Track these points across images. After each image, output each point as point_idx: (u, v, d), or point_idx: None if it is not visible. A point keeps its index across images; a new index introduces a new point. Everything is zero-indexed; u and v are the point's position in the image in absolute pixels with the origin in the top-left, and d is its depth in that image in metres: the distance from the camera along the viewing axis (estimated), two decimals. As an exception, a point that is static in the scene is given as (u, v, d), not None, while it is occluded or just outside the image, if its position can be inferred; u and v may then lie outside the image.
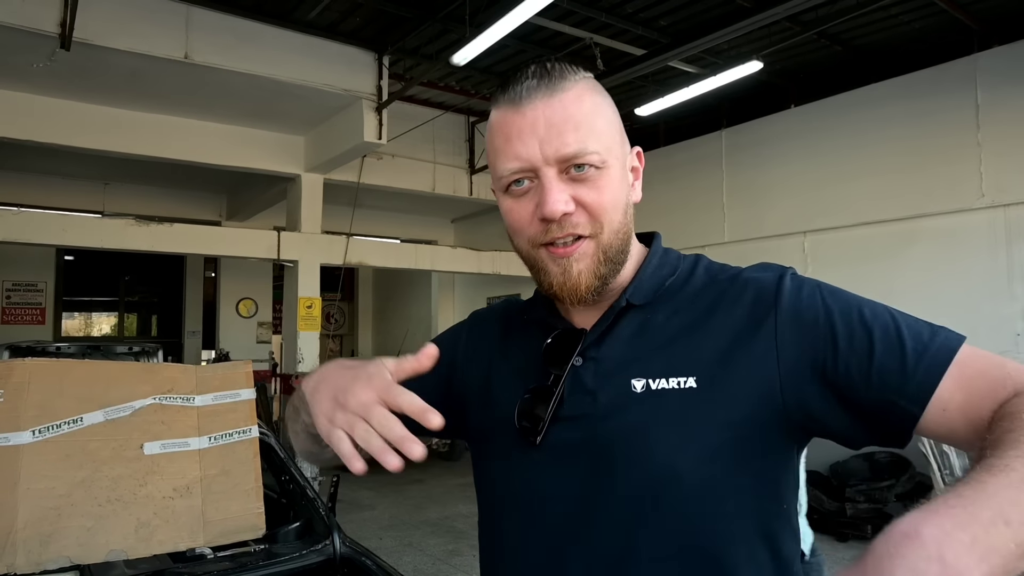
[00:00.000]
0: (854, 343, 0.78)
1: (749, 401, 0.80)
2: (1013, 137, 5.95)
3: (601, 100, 0.87)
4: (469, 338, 1.06)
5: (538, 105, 0.82)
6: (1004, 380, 0.73)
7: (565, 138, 0.81)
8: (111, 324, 13.75)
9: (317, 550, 2.17)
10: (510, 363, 0.98)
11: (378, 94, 7.13)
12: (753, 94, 8.00)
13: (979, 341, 2.60)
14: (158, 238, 7.61)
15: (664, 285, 0.90)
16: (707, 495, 0.80)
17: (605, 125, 0.85)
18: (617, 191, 0.86)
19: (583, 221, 0.84)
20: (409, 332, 13.31)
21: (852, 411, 0.79)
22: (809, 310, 0.81)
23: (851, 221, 7.02)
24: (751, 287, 0.86)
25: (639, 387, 0.84)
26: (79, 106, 7.14)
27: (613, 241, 0.86)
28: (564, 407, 0.87)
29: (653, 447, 0.81)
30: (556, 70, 0.84)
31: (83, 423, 2.12)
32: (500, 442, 0.93)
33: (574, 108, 0.83)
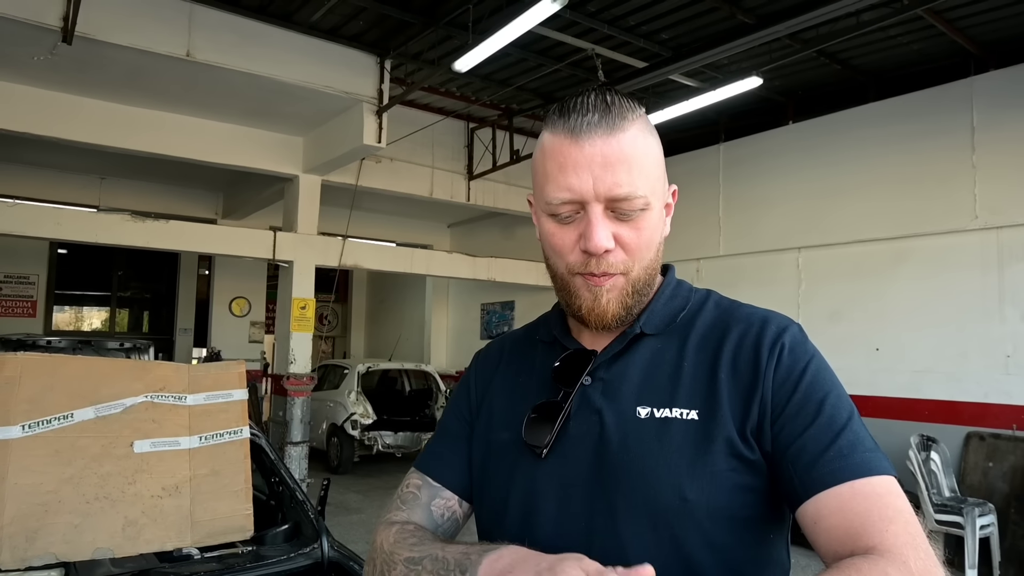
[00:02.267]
0: (800, 414, 0.82)
1: (741, 442, 0.83)
2: (1008, 160, 6.00)
3: (653, 141, 0.91)
4: (476, 381, 1.07)
5: (597, 141, 0.85)
6: (877, 533, 0.74)
7: (618, 179, 0.85)
8: (102, 319, 13.68)
9: (305, 553, 2.17)
10: (516, 384, 1.00)
11: (379, 98, 7.14)
12: (752, 109, 8.05)
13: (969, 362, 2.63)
14: (153, 234, 7.59)
15: (676, 319, 0.94)
16: (703, 523, 0.82)
17: (653, 167, 0.89)
18: (654, 231, 0.90)
19: (619, 260, 0.88)
20: (402, 336, 13.29)
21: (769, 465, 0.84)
22: (790, 368, 0.86)
23: (845, 238, 7.06)
24: (755, 332, 0.89)
25: (644, 414, 0.87)
26: (78, 100, 7.12)
27: (642, 276, 0.90)
28: (571, 424, 0.90)
29: (653, 473, 0.83)
30: (616, 105, 0.87)
31: (73, 419, 2.12)
32: (506, 457, 0.95)
33: (630, 150, 0.86)
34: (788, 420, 0.82)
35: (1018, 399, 5.74)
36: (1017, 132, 5.96)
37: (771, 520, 0.87)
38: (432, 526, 0.98)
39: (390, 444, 9.41)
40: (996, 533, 5.33)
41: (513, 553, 0.74)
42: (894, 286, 6.65)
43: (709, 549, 0.82)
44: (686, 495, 0.82)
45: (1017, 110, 5.97)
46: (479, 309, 12.44)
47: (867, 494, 0.77)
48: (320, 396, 9.69)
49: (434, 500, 1.00)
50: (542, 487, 0.89)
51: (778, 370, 0.85)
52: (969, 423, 5.97)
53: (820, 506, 0.78)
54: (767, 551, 0.87)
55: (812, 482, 0.79)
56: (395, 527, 0.95)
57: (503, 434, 0.95)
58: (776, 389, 0.84)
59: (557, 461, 0.89)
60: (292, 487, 2.47)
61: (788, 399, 0.83)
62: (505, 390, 1.01)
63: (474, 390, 1.06)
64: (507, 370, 1.04)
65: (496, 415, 0.99)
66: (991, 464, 5.71)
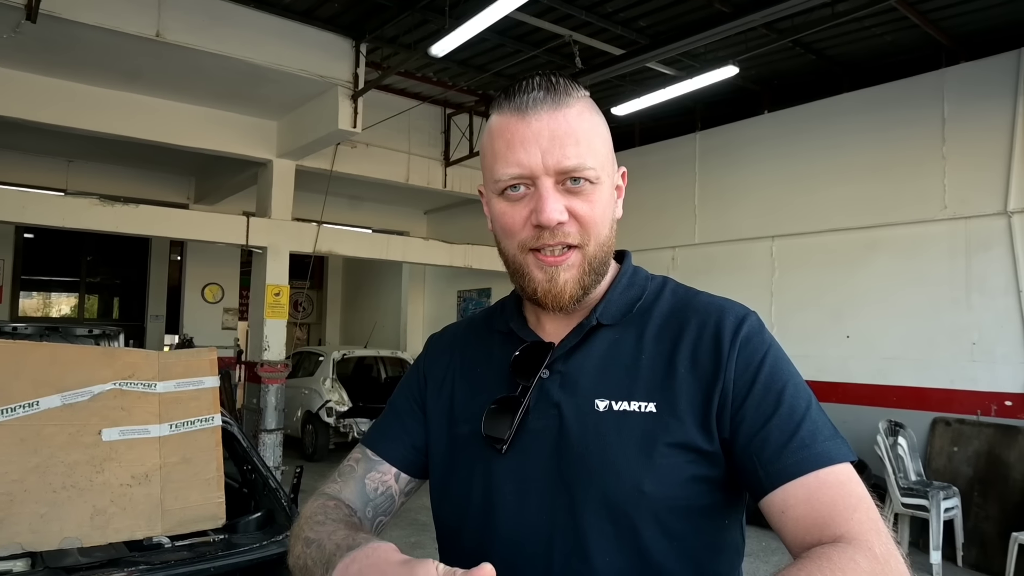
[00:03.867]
0: (761, 405, 0.83)
1: (699, 432, 0.84)
2: (976, 151, 6.10)
3: (599, 120, 0.91)
4: (428, 366, 1.06)
5: (543, 116, 0.85)
6: (844, 521, 0.75)
7: (567, 151, 0.85)
8: (71, 305, 13.43)
9: (278, 541, 2.15)
10: (475, 374, 0.99)
11: (354, 82, 7.05)
12: (728, 98, 8.09)
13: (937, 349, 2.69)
14: (122, 219, 7.44)
15: (633, 308, 0.93)
16: (660, 514, 0.83)
17: (601, 144, 0.89)
18: (606, 206, 0.90)
19: (574, 231, 0.87)
20: (378, 323, 13.23)
21: (728, 455, 0.84)
22: (749, 359, 0.86)
23: (818, 227, 7.14)
24: (713, 323, 0.89)
25: (602, 407, 0.87)
26: (45, 80, 6.93)
27: (598, 253, 0.89)
28: (530, 418, 0.89)
29: (612, 467, 0.84)
30: (561, 85, 0.88)
31: (39, 407, 2.07)
32: (467, 452, 0.94)
33: (576, 123, 0.86)
34: (749, 411, 0.83)
35: (983, 386, 5.88)
36: (986, 124, 6.06)
37: (727, 507, 0.88)
38: (363, 500, 0.98)
39: (365, 431, 9.38)
40: (960, 515, 5.47)
41: (366, 558, 0.72)
42: (865, 274, 6.75)
43: (666, 539, 0.83)
44: (643, 488, 0.82)
45: (986, 102, 6.07)
46: (455, 296, 12.41)
47: (831, 483, 0.78)
48: (295, 383, 9.62)
49: (369, 473, 1.00)
50: (502, 482, 0.89)
51: (738, 361, 0.85)
52: (936, 409, 6.10)
53: (787, 495, 0.79)
54: (723, 537, 0.88)
55: (777, 473, 0.79)
56: (319, 501, 0.95)
57: (464, 427, 0.95)
58: (736, 380, 0.84)
59: (517, 456, 0.89)
60: (265, 475, 2.45)
61: (748, 390, 0.84)
62: (464, 381, 1.00)
63: (426, 374, 1.05)
64: (464, 360, 1.02)
65: (457, 407, 0.98)
66: (956, 449, 5.85)
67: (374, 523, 0.99)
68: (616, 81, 7.68)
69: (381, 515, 1.01)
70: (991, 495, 5.51)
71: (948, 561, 5.39)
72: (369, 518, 0.98)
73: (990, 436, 5.67)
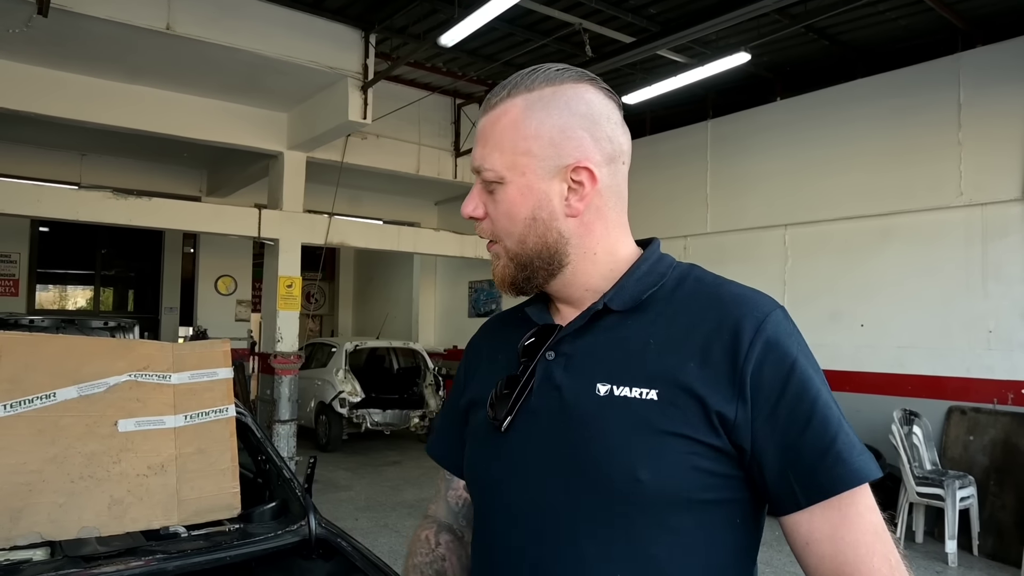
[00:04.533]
0: (793, 415, 0.80)
1: (704, 424, 0.81)
2: (993, 137, 6.02)
3: (527, 116, 0.89)
4: (467, 361, 1.10)
5: (478, 121, 0.95)
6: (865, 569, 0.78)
7: (475, 152, 0.93)
8: (87, 298, 13.56)
9: (292, 531, 2.17)
10: (494, 360, 1.01)
11: (364, 73, 7.04)
12: (740, 86, 8.02)
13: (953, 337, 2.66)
14: (136, 212, 7.49)
15: (645, 295, 0.91)
16: (656, 505, 0.81)
17: (517, 141, 0.89)
18: (515, 206, 0.90)
19: (487, 228, 0.94)
20: (390, 314, 13.27)
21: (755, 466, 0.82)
22: (777, 365, 0.82)
23: (831, 215, 7.08)
24: (733, 316, 0.85)
25: (603, 391, 0.86)
26: (57, 74, 6.97)
27: (520, 250, 0.92)
28: (532, 398, 0.90)
29: (607, 453, 0.83)
30: (511, 83, 0.91)
31: (56, 398, 2.09)
32: (478, 431, 0.97)
33: (490, 127, 0.91)
34: (779, 421, 0.80)
35: (999, 374, 5.82)
36: (1002, 108, 5.97)
37: (737, 505, 0.85)
38: (452, 515, 1.09)
39: (378, 422, 9.44)
40: (976, 505, 5.43)
41: None
42: (879, 262, 6.69)
43: (663, 531, 0.82)
44: (639, 476, 0.80)
45: (1003, 86, 5.98)
46: (467, 287, 12.42)
47: (854, 518, 0.79)
48: (308, 375, 9.68)
49: (448, 491, 1.10)
50: (505, 462, 0.91)
51: (760, 364, 0.82)
52: (951, 398, 6.05)
53: (813, 527, 0.80)
54: (731, 535, 0.85)
55: (816, 488, 0.79)
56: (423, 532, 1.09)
57: (479, 412, 0.97)
58: (759, 384, 0.81)
59: (518, 436, 0.90)
60: (279, 465, 2.46)
61: (777, 398, 0.81)
62: (485, 368, 1.02)
63: (464, 371, 1.09)
64: (491, 349, 1.05)
65: (475, 393, 1.01)
66: (972, 437, 5.81)
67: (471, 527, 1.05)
68: (627, 69, 7.62)
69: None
70: (1007, 484, 5.47)
71: (964, 550, 5.36)
72: (465, 526, 1.07)
73: (1006, 425, 5.63)
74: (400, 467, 8.55)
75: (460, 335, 12.47)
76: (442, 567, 1.04)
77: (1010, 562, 5.19)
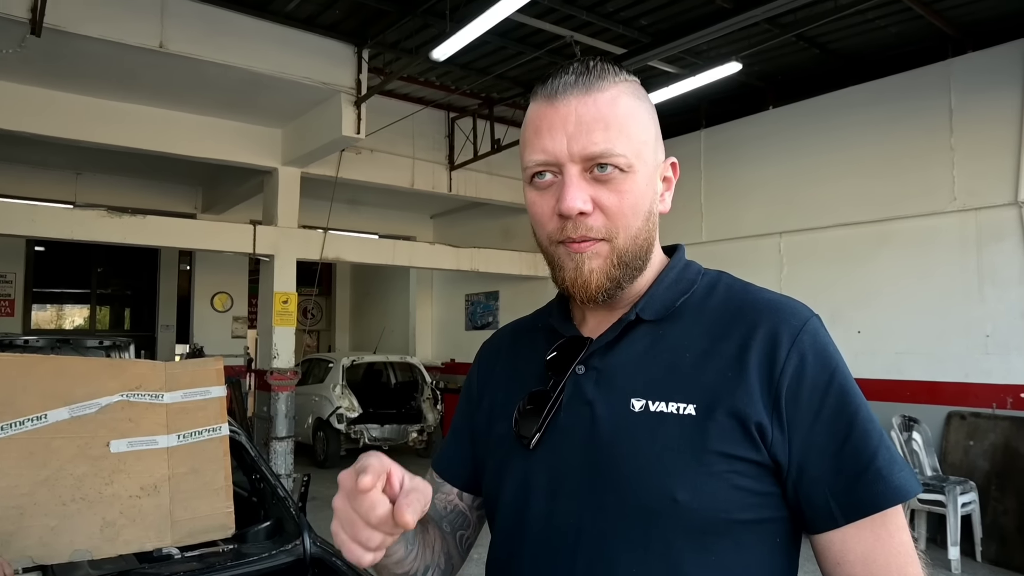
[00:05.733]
0: (833, 428, 0.78)
1: (744, 440, 0.78)
2: (985, 142, 6.04)
3: (638, 105, 0.86)
4: (478, 371, 1.06)
5: (572, 101, 0.82)
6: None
7: (593, 137, 0.81)
8: (83, 316, 13.52)
9: (287, 550, 2.15)
10: (515, 371, 0.97)
11: (357, 88, 7.06)
12: (732, 95, 8.05)
13: (950, 342, 2.64)
14: (131, 230, 7.48)
15: (677, 303, 0.88)
16: (695, 525, 0.78)
17: (638, 130, 0.84)
18: (639, 197, 0.85)
19: (599, 224, 0.83)
20: (387, 329, 13.24)
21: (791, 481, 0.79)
22: (816, 376, 0.80)
23: (826, 223, 7.10)
24: (770, 324, 0.82)
25: (638, 407, 0.82)
26: (51, 94, 6.98)
27: (629, 247, 0.85)
28: (562, 415, 0.86)
29: (644, 472, 0.79)
30: (596, 69, 0.84)
31: (47, 420, 2.07)
32: (501, 448, 0.92)
33: (607, 109, 0.82)
34: (818, 435, 0.78)
35: (998, 378, 5.82)
36: (994, 114, 6.00)
37: (777, 525, 0.81)
38: (438, 516, 1.01)
39: (376, 437, 9.39)
40: (978, 510, 5.41)
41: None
42: (875, 269, 6.70)
43: (702, 553, 0.78)
44: (676, 496, 0.77)
45: (994, 92, 6.01)
46: (463, 300, 12.41)
47: (885, 540, 0.78)
48: (305, 390, 9.64)
49: (437, 494, 1.02)
50: (532, 480, 0.86)
51: (800, 373, 0.79)
52: (950, 403, 6.04)
53: (847, 548, 0.78)
54: (770, 558, 0.81)
55: (854, 505, 0.77)
56: None
57: (500, 426, 0.92)
58: (797, 395, 0.78)
59: (547, 454, 0.85)
60: (273, 484, 2.44)
61: (817, 410, 0.78)
62: (504, 381, 0.98)
63: (475, 383, 1.04)
64: (508, 360, 1.00)
65: (496, 408, 0.96)
66: (972, 443, 5.79)
67: (456, 536, 1.01)
68: (619, 80, 7.65)
69: (460, 529, 1.02)
70: (1009, 489, 5.45)
71: (967, 557, 5.33)
72: (449, 532, 1.01)
73: (1006, 429, 5.61)
74: (399, 482, 8.48)
75: (457, 349, 12.45)
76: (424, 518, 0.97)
77: (1014, 567, 5.16)
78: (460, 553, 1.02)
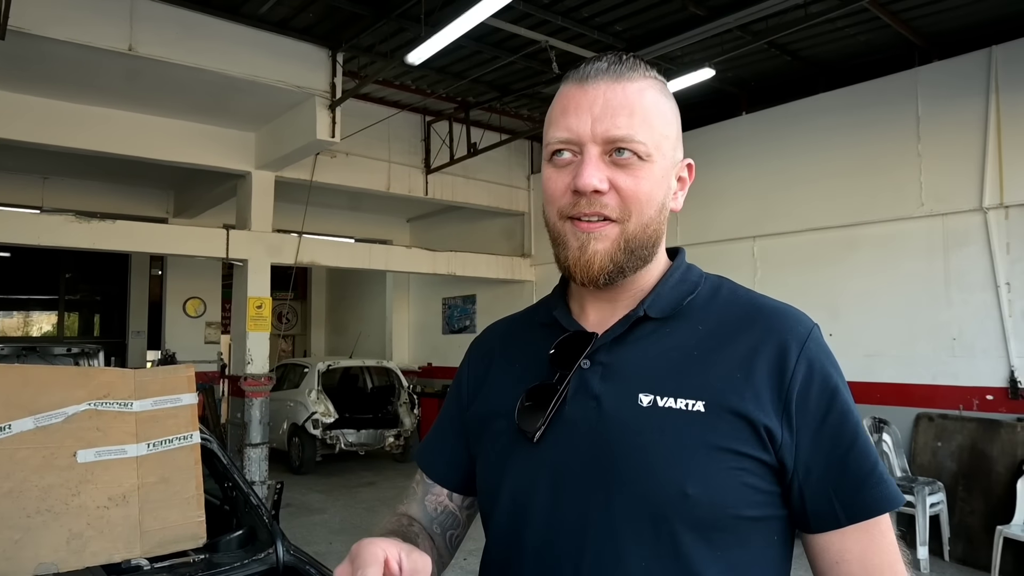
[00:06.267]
0: (839, 436, 0.82)
1: (752, 438, 0.80)
2: (951, 149, 6.17)
3: (663, 101, 0.89)
4: (469, 369, 1.05)
5: (601, 86, 0.85)
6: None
7: (617, 120, 0.83)
8: (51, 323, 13.25)
9: (260, 559, 2.12)
10: (513, 365, 0.96)
11: (332, 91, 7.02)
12: (706, 100, 8.14)
13: (918, 345, 2.69)
14: (100, 235, 7.35)
15: (683, 303, 0.90)
16: (704, 521, 0.79)
17: (661, 124, 0.87)
18: (655, 186, 0.86)
19: (613, 204, 0.84)
20: (363, 333, 13.16)
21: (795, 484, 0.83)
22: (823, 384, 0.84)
23: (798, 227, 7.20)
24: (777, 332, 0.86)
25: (646, 402, 0.82)
26: (16, 97, 6.84)
27: (639, 234, 0.86)
28: (566, 408, 0.86)
29: (654, 466, 0.80)
30: (628, 62, 0.87)
31: (11, 431, 2.03)
32: (499, 445, 0.91)
33: (635, 97, 0.85)
34: (825, 440, 0.81)
35: (964, 380, 5.93)
36: (959, 121, 6.13)
37: (778, 522, 0.84)
38: (427, 518, 1.02)
39: (353, 443, 9.32)
40: (945, 510, 5.51)
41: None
42: (846, 272, 6.81)
43: (709, 548, 0.79)
44: (687, 490, 0.78)
45: (959, 100, 6.15)
46: (440, 303, 12.38)
47: (879, 540, 0.82)
48: (280, 396, 9.54)
49: (427, 496, 1.03)
50: (535, 475, 0.86)
51: (808, 381, 0.83)
52: (919, 404, 6.16)
53: (845, 547, 0.82)
54: (771, 553, 0.84)
55: (859, 507, 0.81)
56: (393, 517, 1.02)
57: (499, 422, 0.91)
58: (806, 402, 0.82)
59: (551, 447, 0.85)
60: (246, 491, 2.41)
61: (823, 418, 0.82)
62: (501, 376, 0.97)
63: (466, 380, 1.04)
64: (504, 355, 1.00)
65: (492, 402, 0.95)
66: (940, 444, 5.90)
67: (446, 537, 1.02)
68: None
69: (450, 529, 1.02)
70: (975, 489, 5.56)
71: (935, 556, 5.43)
72: (439, 533, 1.02)
73: (973, 430, 5.73)
74: (375, 488, 8.44)
75: (435, 352, 12.40)
76: (411, 536, 0.96)
77: (980, 566, 5.26)
78: (449, 552, 1.03)
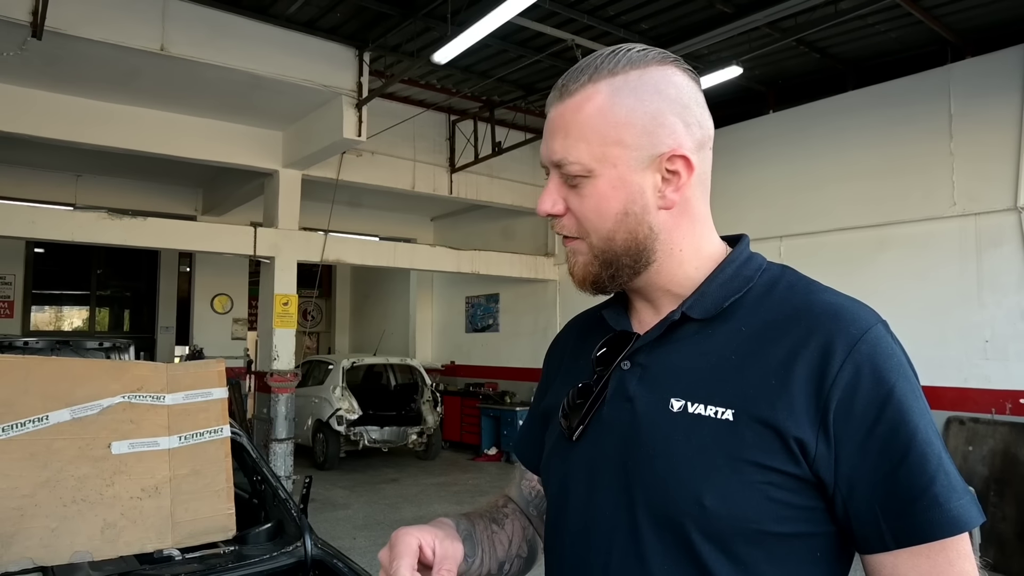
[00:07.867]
0: (888, 448, 0.73)
1: (783, 451, 0.75)
2: (984, 147, 6.05)
3: (617, 102, 0.82)
4: (548, 361, 1.09)
5: (552, 108, 0.86)
6: None
7: (553, 145, 0.85)
8: (83, 318, 13.51)
9: (288, 552, 2.15)
10: (573, 363, 0.99)
11: (358, 90, 7.07)
12: (733, 99, 8.07)
13: (949, 347, 2.64)
14: (131, 232, 7.48)
15: (727, 303, 0.85)
16: (723, 533, 0.76)
17: (606, 130, 0.81)
18: (603, 199, 0.83)
19: (570, 224, 0.86)
20: (387, 331, 13.24)
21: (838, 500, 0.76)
22: (872, 388, 0.75)
23: (826, 227, 7.11)
24: (825, 332, 0.78)
25: (677, 407, 0.81)
26: (52, 96, 6.99)
27: (606, 248, 0.85)
28: (605, 409, 0.86)
29: (674, 474, 0.78)
30: (584, 67, 0.84)
31: (49, 422, 2.08)
32: (552, 437, 0.95)
33: (570, 116, 0.83)
34: (869, 454, 0.73)
35: (997, 383, 5.82)
36: (993, 119, 6.01)
37: (818, 540, 0.78)
38: (524, 501, 1.08)
39: (376, 439, 9.39)
40: (976, 515, 5.41)
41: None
42: (875, 273, 6.71)
43: (730, 562, 0.76)
44: (704, 501, 0.75)
45: (993, 97, 6.03)
46: (464, 302, 12.41)
47: (944, 570, 0.72)
48: (305, 392, 9.64)
49: (522, 480, 1.09)
50: (574, 471, 0.88)
51: (854, 390, 0.74)
52: (949, 408, 6.05)
53: (898, 573, 0.73)
54: (811, 572, 0.78)
55: (905, 532, 0.72)
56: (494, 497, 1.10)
57: (554, 418, 0.94)
58: (848, 411, 0.74)
59: (588, 446, 0.86)
60: (274, 485, 2.44)
61: (868, 430, 0.74)
62: (564, 372, 1.00)
63: (545, 373, 1.08)
64: (571, 351, 1.02)
65: (554, 397, 0.98)
66: (971, 448, 5.79)
67: (542, 518, 1.04)
68: (620, 84, 7.67)
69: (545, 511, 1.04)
70: (1008, 495, 5.45)
71: (965, 561, 5.33)
72: (535, 515, 1.06)
73: (1005, 435, 5.62)
74: (398, 484, 8.49)
75: (457, 351, 12.44)
76: (499, 516, 1.04)
77: (1012, 574, 5.16)
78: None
